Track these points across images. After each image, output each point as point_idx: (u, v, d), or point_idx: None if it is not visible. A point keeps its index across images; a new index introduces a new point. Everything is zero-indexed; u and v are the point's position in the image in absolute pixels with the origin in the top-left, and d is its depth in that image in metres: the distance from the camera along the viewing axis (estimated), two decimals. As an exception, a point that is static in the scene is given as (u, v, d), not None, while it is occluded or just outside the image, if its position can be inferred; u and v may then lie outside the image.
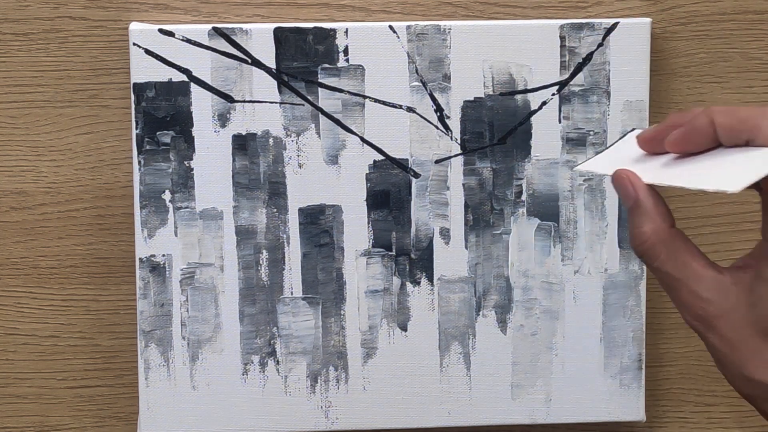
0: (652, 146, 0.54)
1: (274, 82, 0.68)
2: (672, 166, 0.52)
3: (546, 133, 0.69)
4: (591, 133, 0.70)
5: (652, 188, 0.53)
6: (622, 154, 0.55)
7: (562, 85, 0.69)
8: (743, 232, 0.73)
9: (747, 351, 0.52)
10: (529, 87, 0.69)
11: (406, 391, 0.71)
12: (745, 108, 0.50)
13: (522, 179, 0.69)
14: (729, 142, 0.50)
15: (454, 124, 0.69)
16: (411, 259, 0.70)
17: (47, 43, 0.69)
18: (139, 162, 0.68)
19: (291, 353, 0.70)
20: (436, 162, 0.69)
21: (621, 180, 0.53)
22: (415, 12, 0.70)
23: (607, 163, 0.56)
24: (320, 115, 0.68)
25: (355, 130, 0.69)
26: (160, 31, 0.67)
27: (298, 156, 0.69)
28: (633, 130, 0.56)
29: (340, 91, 0.68)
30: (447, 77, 0.69)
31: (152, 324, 0.69)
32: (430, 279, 0.70)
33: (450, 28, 0.68)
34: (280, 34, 0.68)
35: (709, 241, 0.73)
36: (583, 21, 0.69)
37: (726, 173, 0.48)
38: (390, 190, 0.69)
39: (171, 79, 0.68)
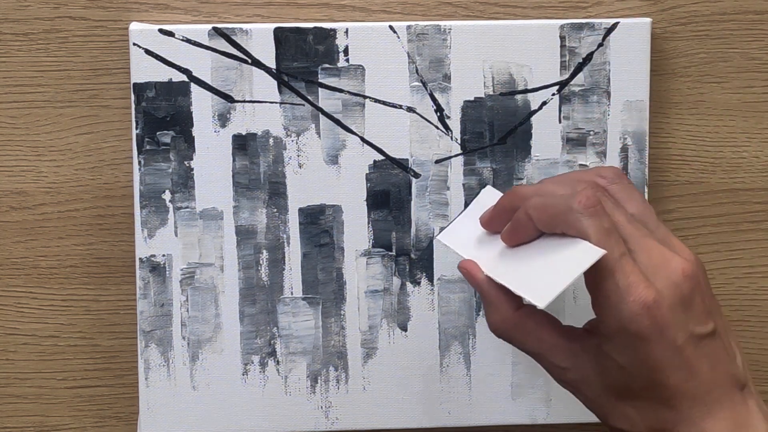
0: (491, 227, 0.59)
1: (274, 82, 0.68)
2: (506, 256, 0.57)
3: (546, 133, 0.69)
4: (591, 133, 0.70)
5: (492, 280, 0.57)
6: (475, 225, 0.60)
7: (562, 85, 0.69)
8: (743, 232, 0.73)
9: (607, 407, 0.57)
10: (529, 87, 0.69)
11: (406, 391, 0.71)
12: (554, 202, 0.55)
13: (522, 179, 0.69)
14: (548, 231, 0.55)
15: (454, 124, 0.69)
16: (411, 259, 0.70)
17: (47, 43, 0.69)
18: (139, 162, 0.68)
19: (291, 353, 0.70)
20: (436, 162, 0.69)
21: (464, 272, 0.58)
22: (415, 12, 0.70)
23: (463, 235, 0.61)
24: (320, 115, 0.68)
25: (355, 130, 0.69)
26: (160, 31, 0.67)
27: (298, 156, 0.69)
28: (486, 186, 0.63)
29: (340, 91, 0.68)
30: (447, 77, 0.69)
31: (152, 324, 0.69)
32: (430, 279, 0.70)
33: (450, 28, 0.68)
34: (280, 34, 0.68)
35: (709, 241, 0.73)
36: (583, 21, 0.69)
37: (541, 281, 0.54)
38: (390, 190, 0.69)
39: (171, 79, 0.68)
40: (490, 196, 0.61)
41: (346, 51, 0.68)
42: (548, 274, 0.54)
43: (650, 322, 0.52)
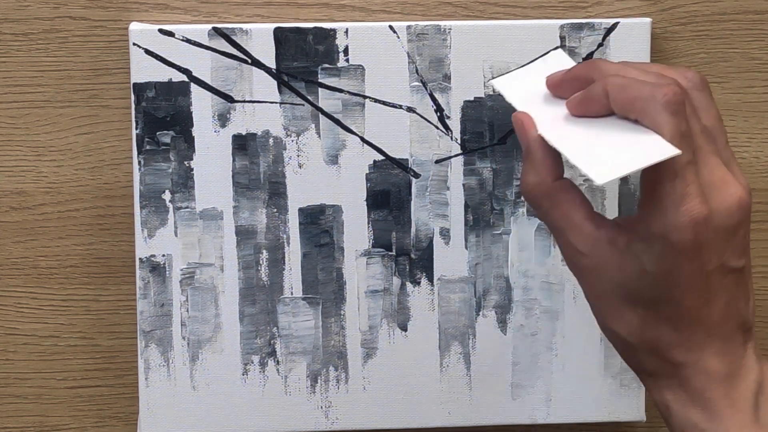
0: (557, 91, 0.56)
1: (274, 82, 0.68)
2: (568, 123, 0.54)
3: (546, 133, 0.69)
4: (591, 133, 0.70)
5: (544, 141, 0.55)
6: (537, 81, 0.57)
7: (562, 85, 0.69)
8: (743, 232, 0.73)
9: (612, 307, 0.55)
10: (529, 87, 0.69)
11: (406, 391, 0.71)
12: (637, 86, 0.52)
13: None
14: (620, 114, 0.53)
15: (454, 124, 0.69)
16: (411, 259, 0.70)
17: (47, 43, 0.69)
18: (139, 162, 0.68)
19: (291, 353, 0.70)
20: (436, 162, 0.69)
21: (517, 124, 0.56)
22: (415, 12, 0.70)
23: (520, 87, 0.57)
24: (320, 115, 0.68)
25: (355, 130, 0.69)
26: (160, 31, 0.67)
27: (298, 156, 0.69)
28: (557, 48, 0.59)
29: (340, 91, 0.68)
30: (447, 77, 0.69)
31: (152, 324, 0.69)
32: (430, 279, 0.70)
33: (450, 28, 0.68)
34: (280, 34, 0.68)
35: (709, 241, 0.73)
36: (583, 21, 0.69)
37: (603, 157, 0.51)
38: (390, 190, 0.69)
39: (171, 79, 0.68)
40: (560, 60, 0.58)
41: (346, 51, 0.68)
42: (611, 155, 0.52)
43: (693, 237, 0.51)
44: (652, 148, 0.50)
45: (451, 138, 0.69)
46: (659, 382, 0.55)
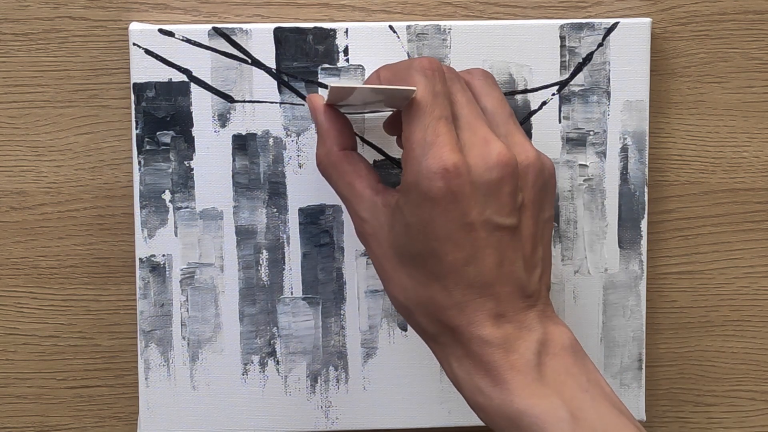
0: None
1: (274, 82, 0.68)
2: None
3: (546, 133, 0.69)
4: (591, 133, 0.70)
5: (333, 114, 0.59)
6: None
7: (562, 85, 0.69)
8: (743, 232, 0.73)
9: (389, 270, 0.56)
10: (529, 87, 0.69)
11: (406, 391, 0.71)
12: (400, 63, 0.57)
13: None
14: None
15: (454, 124, 0.69)
16: (411, 259, 0.70)
17: (47, 43, 0.69)
18: (139, 162, 0.68)
19: (291, 353, 0.70)
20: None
21: (309, 104, 0.60)
22: (415, 12, 0.70)
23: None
24: (320, 115, 0.68)
25: (355, 130, 0.69)
26: (160, 31, 0.67)
27: (298, 156, 0.69)
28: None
29: (340, 91, 0.68)
30: (447, 77, 0.69)
31: (152, 324, 0.69)
32: (430, 279, 0.70)
33: (450, 28, 0.68)
34: (280, 34, 0.68)
35: (709, 241, 0.73)
36: (583, 21, 0.69)
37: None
38: (390, 190, 0.69)
39: (171, 79, 0.68)
40: None
41: (346, 51, 0.68)
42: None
43: (444, 184, 0.51)
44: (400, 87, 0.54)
45: (451, 138, 0.69)
46: (444, 349, 0.55)
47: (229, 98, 0.68)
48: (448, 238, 0.52)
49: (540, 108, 0.69)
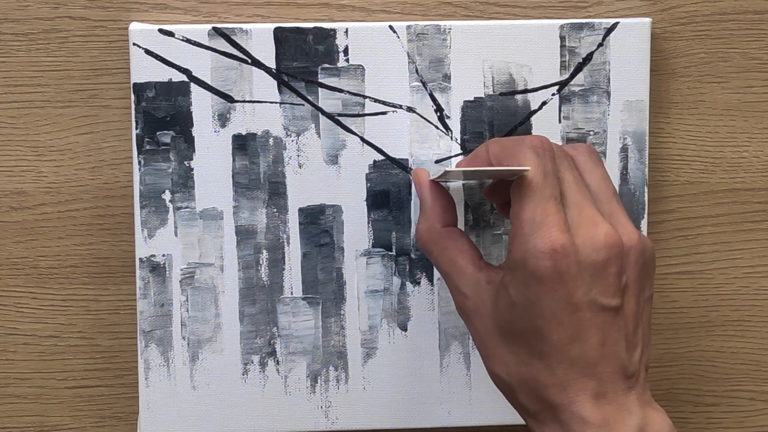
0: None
1: (274, 82, 0.68)
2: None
3: (546, 133, 0.69)
4: (591, 133, 0.70)
5: (438, 190, 0.61)
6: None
7: (562, 85, 0.69)
8: (743, 232, 0.73)
9: (491, 346, 0.56)
10: (529, 87, 0.69)
11: (406, 391, 0.71)
12: (510, 139, 0.57)
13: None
14: (496, 163, 0.58)
15: (454, 124, 0.69)
16: (411, 259, 0.70)
17: (47, 43, 0.69)
18: (139, 162, 0.68)
19: (291, 353, 0.70)
20: (436, 162, 0.69)
21: (414, 178, 0.62)
22: (415, 12, 0.70)
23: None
24: (320, 115, 0.68)
25: (355, 130, 0.69)
26: (160, 31, 0.67)
27: (298, 156, 0.69)
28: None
29: (340, 91, 0.68)
30: (447, 77, 0.69)
31: (152, 324, 0.69)
32: (430, 279, 0.70)
33: (450, 28, 0.68)
34: (280, 34, 0.68)
35: (709, 241, 0.73)
36: (583, 21, 0.69)
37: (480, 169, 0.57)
38: (390, 190, 0.69)
39: (171, 79, 0.68)
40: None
41: (346, 51, 0.68)
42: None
43: (552, 265, 0.52)
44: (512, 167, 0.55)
45: (451, 138, 0.69)
46: (543, 427, 0.54)
47: (229, 98, 0.68)
48: (553, 317, 0.52)
49: (540, 108, 0.69)
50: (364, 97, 0.68)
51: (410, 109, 0.69)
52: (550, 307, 0.52)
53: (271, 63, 0.68)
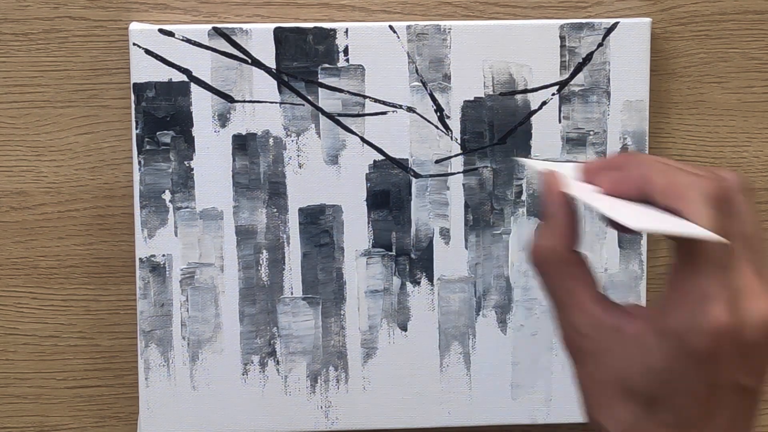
0: (592, 178, 0.52)
1: (274, 82, 0.68)
2: (599, 194, 0.50)
3: (546, 133, 0.69)
4: (591, 133, 0.70)
5: (569, 205, 0.50)
6: (565, 170, 0.52)
7: (562, 85, 0.69)
8: (743, 232, 0.73)
9: (602, 396, 0.51)
10: (529, 87, 0.69)
11: (406, 391, 0.71)
12: (680, 173, 0.49)
13: (522, 179, 0.69)
14: (659, 197, 0.49)
15: (454, 124, 0.69)
16: (411, 259, 0.70)
17: (47, 43, 0.69)
18: (139, 162, 0.68)
19: (291, 353, 0.70)
20: (436, 162, 0.69)
21: (547, 180, 0.51)
22: (415, 12, 0.70)
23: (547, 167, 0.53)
24: (320, 115, 0.68)
25: (355, 130, 0.69)
26: (160, 31, 0.67)
27: (298, 156, 0.69)
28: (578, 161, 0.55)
29: (340, 91, 0.68)
30: (447, 77, 0.69)
31: (152, 324, 0.69)
32: (430, 279, 0.70)
33: (450, 28, 0.68)
34: (280, 34, 0.68)
35: (709, 241, 0.73)
36: (583, 21, 0.69)
37: (638, 214, 0.47)
38: (390, 190, 0.69)
39: (171, 79, 0.68)
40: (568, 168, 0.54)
41: (346, 51, 0.68)
42: (649, 215, 0.47)
43: (711, 345, 0.48)
44: (693, 227, 0.46)
45: (451, 138, 0.69)
46: None
47: (229, 98, 0.68)
48: (695, 395, 0.49)
49: (540, 108, 0.69)
50: (364, 97, 0.68)
51: (410, 109, 0.69)
52: (696, 384, 0.48)
53: (271, 63, 0.68)
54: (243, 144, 0.68)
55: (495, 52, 0.69)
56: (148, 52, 0.67)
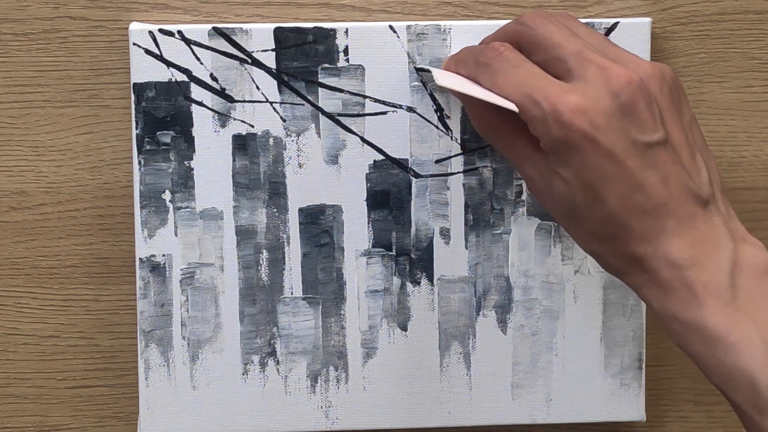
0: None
1: (274, 82, 0.68)
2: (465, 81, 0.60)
3: (546, 133, 0.69)
4: (591, 133, 0.70)
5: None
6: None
7: (562, 85, 0.69)
8: (743, 231, 0.73)
9: (565, 224, 0.55)
10: (529, 87, 0.69)
11: (406, 391, 0.71)
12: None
13: (522, 179, 0.69)
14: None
15: (454, 123, 0.69)
16: (411, 259, 0.70)
17: (47, 43, 0.69)
18: (139, 162, 0.68)
19: (291, 353, 0.70)
20: (436, 162, 0.69)
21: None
22: (415, 12, 0.70)
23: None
24: (320, 115, 0.68)
25: (355, 130, 0.69)
26: (160, 31, 0.67)
27: (298, 156, 0.69)
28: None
29: (340, 90, 0.68)
30: (447, 77, 0.69)
31: (152, 324, 0.69)
32: (430, 279, 0.70)
33: (450, 28, 0.68)
34: (280, 34, 0.68)
35: (709, 240, 0.73)
36: (583, 21, 0.69)
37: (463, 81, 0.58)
38: (390, 190, 0.69)
39: (171, 79, 0.68)
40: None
41: (346, 51, 0.68)
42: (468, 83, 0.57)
43: (579, 127, 0.50)
44: (498, 98, 0.55)
45: (451, 138, 0.69)
46: (637, 284, 0.53)
47: (229, 98, 0.68)
48: (603, 177, 0.50)
49: (540, 108, 0.69)
50: (364, 96, 0.68)
51: (410, 109, 0.69)
52: (596, 167, 0.50)
53: (271, 63, 0.68)
54: (243, 144, 0.68)
55: (495, 52, 0.69)
56: (148, 52, 0.67)
